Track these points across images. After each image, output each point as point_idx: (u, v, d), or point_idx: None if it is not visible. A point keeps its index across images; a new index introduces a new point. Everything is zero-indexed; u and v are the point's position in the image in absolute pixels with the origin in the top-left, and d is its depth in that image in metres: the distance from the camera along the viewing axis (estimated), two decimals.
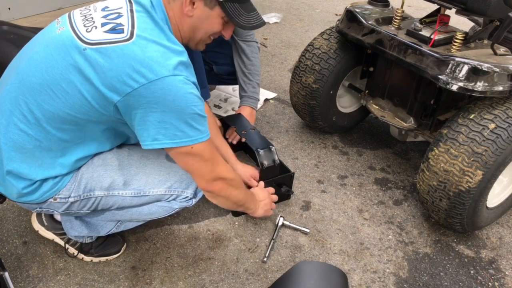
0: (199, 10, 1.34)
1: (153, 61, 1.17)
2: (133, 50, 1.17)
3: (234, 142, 2.08)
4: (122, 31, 1.19)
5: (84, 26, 1.23)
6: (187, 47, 1.39)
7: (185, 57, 1.25)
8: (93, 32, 1.21)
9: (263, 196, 1.75)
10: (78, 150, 1.34)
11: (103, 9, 1.28)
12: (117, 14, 1.24)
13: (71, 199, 1.38)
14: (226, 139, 2.06)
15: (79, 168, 1.38)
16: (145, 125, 1.22)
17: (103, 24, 1.22)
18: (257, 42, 2.23)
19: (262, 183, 1.82)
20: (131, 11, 1.25)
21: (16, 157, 1.28)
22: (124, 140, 1.49)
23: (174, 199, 1.51)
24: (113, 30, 1.20)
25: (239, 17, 1.37)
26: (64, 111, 1.23)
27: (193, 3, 1.32)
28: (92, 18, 1.25)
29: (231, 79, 2.38)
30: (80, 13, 1.30)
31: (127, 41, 1.18)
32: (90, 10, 1.30)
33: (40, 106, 1.23)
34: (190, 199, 1.53)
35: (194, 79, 1.27)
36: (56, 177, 1.34)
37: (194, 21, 1.36)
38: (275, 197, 1.83)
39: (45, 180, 1.33)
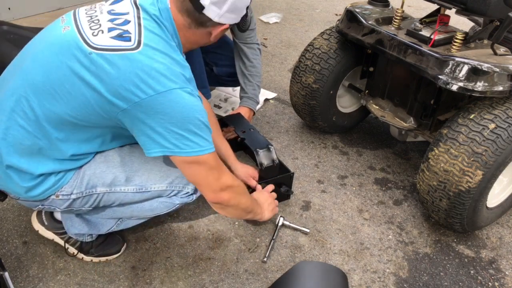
0: (220, 33, 1.38)
1: (160, 73, 1.18)
2: (140, 60, 1.17)
3: (231, 137, 2.09)
4: (129, 39, 1.19)
5: (91, 29, 1.23)
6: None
7: (188, 72, 1.27)
8: (99, 36, 1.20)
9: (264, 198, 1.73)
10: (75, 149, 1.33)
11: (109, 12, 1.27)
12: (124, 20, 1.24)
13: (73, 196, 1.38)
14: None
15: (81, 166, 1.39)
16: (152, 135, 1.23)
17: (110, 29, 1.21)
18: (258, 44, 2.23)
19: (259, 186, 1.82)
20: (138, 18, 1.24)
21: (15, 152, 1.29)
22: (122, 144, 1.49)
23: (175, 195, 1.52)
24: (120, 37, 1.19)
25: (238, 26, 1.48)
26: (65, 112, 1.23)
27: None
28: (98, 20, 1.25)
29: (231, 80, 2.38)
30: (86, 14, 1.29)
31: (134, 50, 1.18)
32: (96, 11, 1.29)
33: (42, 104, 1.23)
34: (191, 194, 1.54)
35: (197, 92, 1.29)
36: (58, 172, 1.34)
37: (212, 41, 1.41)
38: (274, 194, 1.81)
39: (46, 176, 1.33)
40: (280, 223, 1.81)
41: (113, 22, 1.24)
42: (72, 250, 1.63)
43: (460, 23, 2.59)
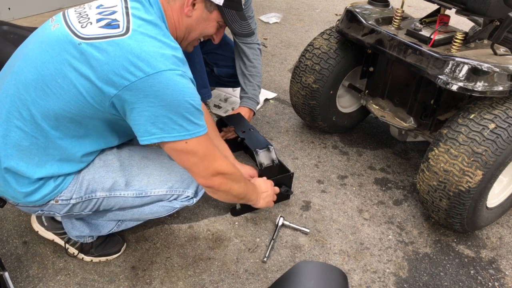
0: (198, 12, 1.37)
1: (150, 55, 1.17)
2: (129, 44, 1.17)
3: (231, 137, 2.09)
4: (117, 26, 1.20)
5: (79, 22, 1.24)
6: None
7: (180, 53, 1.26)
8: (88, 27, 1.22)
9: (265, 188, 1.74)
10: (73, 148, 1.33)
11: (98, 7, 1.29)
12: (112, 11, 1.25)
13: (72, 201, 1.38)
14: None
15: (80, 170, 1.38)
16: (142, 120, 1.21)
17: (98, 20, 1.23)
18: (258, 44, 2.23)
19: (264, 178, 1.82)
20: (126, 8, 1.26)
21: (13, 154, 1.28)
22: (125, 140, 1.49)
23: (175, 199, 1.52)
24: (108, 26, 1.21)
25: (234, 24, 1.43)
26: (59, 107, 1.23)
27: (194, 4, 1.35)
28: (87, 15, 1.26)
29: (232, 81, 2.38)
30: (75, 11, 1.31)
31: (123, 36, 1.18)
32: (85, 8, 1.31)
33: (35, 102, 1.23)
34: (191, 198, 1.54)
35: (190, 74, 1.28)
36: (57, 177, 1.34)
37: (192, 22, 1.39)
38: (277, 189, 1.81)
39: (45, 181, 1.32)
40: (280, 223, 1.81)
41: (101, 14, 1.25)
42: (72, 250, 1.63)
43: (460, 23, 2.59)
